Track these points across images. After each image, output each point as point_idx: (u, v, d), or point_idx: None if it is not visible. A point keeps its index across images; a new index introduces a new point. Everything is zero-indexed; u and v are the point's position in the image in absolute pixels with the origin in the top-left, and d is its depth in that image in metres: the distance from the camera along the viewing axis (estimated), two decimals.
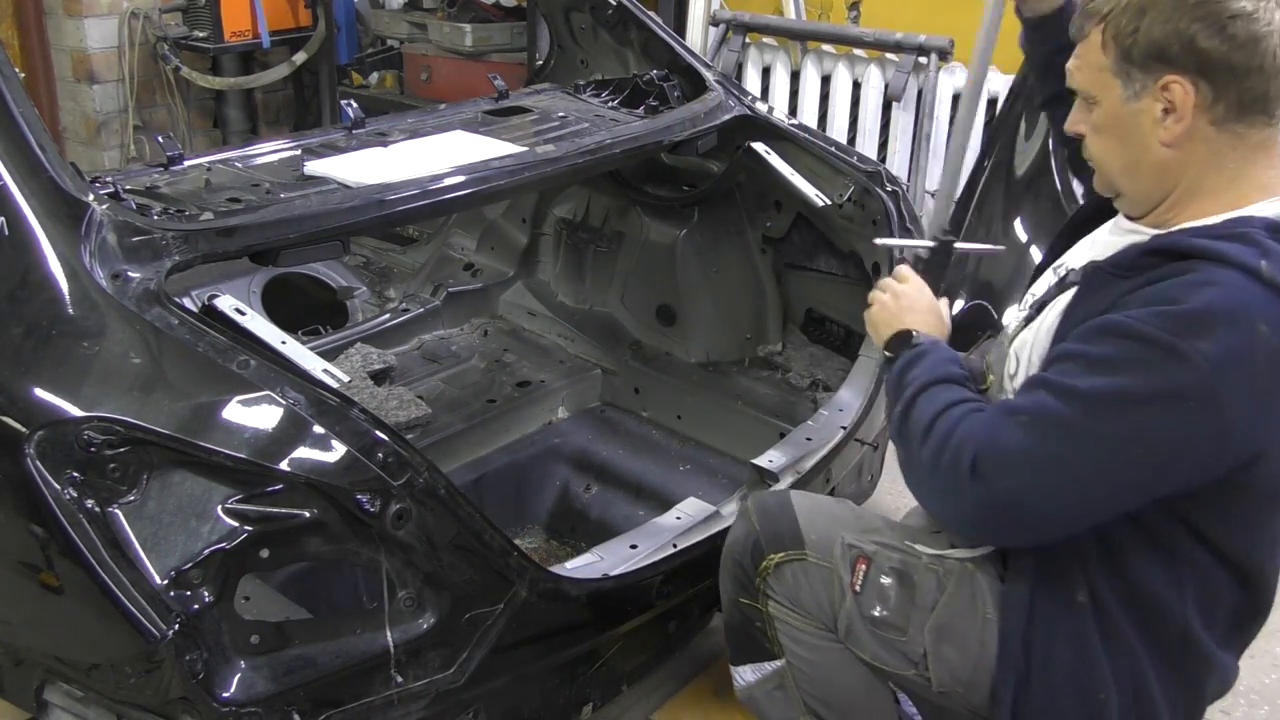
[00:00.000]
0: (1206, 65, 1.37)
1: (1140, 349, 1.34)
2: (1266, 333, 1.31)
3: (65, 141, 4.82)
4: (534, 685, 1.91)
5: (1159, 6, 1.38)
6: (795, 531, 1.69)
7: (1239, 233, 1.37)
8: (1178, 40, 1.37)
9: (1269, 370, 1.32)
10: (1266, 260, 1.33)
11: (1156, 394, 1.34)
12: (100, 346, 1.55)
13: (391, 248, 3.58)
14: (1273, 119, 1.42)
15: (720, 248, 2.98)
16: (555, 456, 2.83)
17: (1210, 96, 1.39)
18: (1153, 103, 1.41)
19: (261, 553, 1.51)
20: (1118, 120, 1.46)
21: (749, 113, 2.77)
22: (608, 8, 2.94)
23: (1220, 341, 1.31)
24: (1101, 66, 1.45)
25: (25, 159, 1.59)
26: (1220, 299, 1.32)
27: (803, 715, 1.74)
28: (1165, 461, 1.37)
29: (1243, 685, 2.37)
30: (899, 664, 1.64)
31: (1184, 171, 1.44)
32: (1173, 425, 1.34)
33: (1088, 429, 1.38)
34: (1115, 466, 1.39)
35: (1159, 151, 1.43)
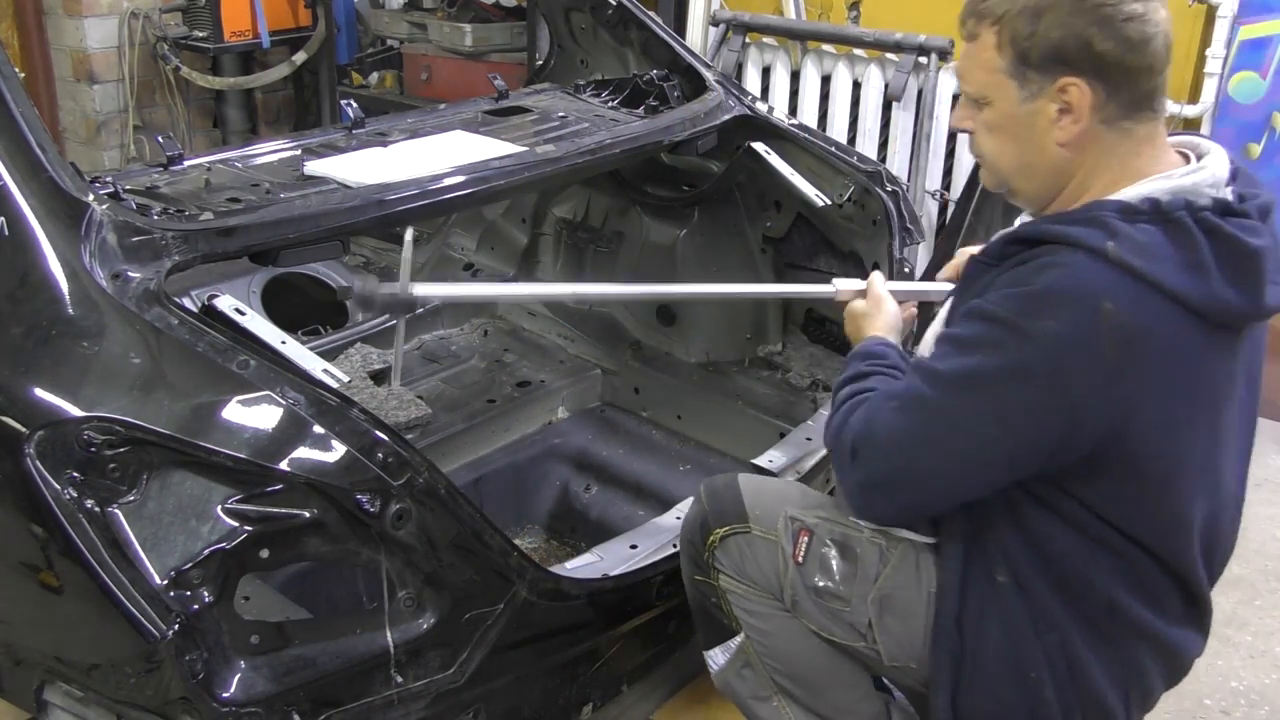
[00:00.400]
0: (1103, 67, 1.40)
1: (991, 330, 1.41)
2: (1111, 310, 1.35)
3: (65, 141, 4.82)
4: (534, 685, 1.91)
5: (1056, 10, 1.40)
6: (740, 507, 1.73)
7: (1090, 216, 1.41)
8: (1075, 43, 1.39)
9: (1117, 347, 1.36)
10: (1114, 241, 1.37)
11: (1005, 372, 1.40)
12: (100, 346, 1.55)
13: (391, 248, 3.57)
14: (1157, 114, 1.46)
15: (720, 248, 2.98)
16: (555, 456, 2.83)
17: (1104, 96, 1.42)
18: (1049, 104, 1.44)
19: (261, 553, 1.51)
20: (1012, 121, 1.48)
21: (749, 113, 2.77)
22: (608, 8, 2.94)
23: (1063, 320, 1.36)
24: (995, 68, 1.46)
25: (25, 159, 1.59)
26: (1063, 279, 1.37)
27: (775, 694, 1.76)
28: (1023, 437, 1.42)
29: (1243, 685, 2.37)
30: (846, 634, 1.67)
31: (1077, 169, 1.47)
32: (1024, 402, 1.40)
33: (947, 408, 1.45)
34: (976, 443, 1.44)
35: (1054, 151, 1.46)
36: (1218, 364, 1.47)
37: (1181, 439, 1.46)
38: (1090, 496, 1.47)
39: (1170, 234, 1.39)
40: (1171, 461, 1.46)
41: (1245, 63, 3.27)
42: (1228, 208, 1.43)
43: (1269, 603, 2.64)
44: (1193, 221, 1.40)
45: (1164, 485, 1.48)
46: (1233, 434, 1.55)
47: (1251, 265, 1.41)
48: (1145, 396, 1.40)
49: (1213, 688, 2.37)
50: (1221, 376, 1.49)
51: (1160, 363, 1.39)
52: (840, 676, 1.74)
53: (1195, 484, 1.51)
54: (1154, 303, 1.37)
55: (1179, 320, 1.39)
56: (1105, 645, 1.54)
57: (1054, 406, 1.39)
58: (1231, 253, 1.40)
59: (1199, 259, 1.39)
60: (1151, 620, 1.54)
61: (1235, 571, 2.74)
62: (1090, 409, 1.39)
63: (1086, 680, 1.53)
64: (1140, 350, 1.38)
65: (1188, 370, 1.43)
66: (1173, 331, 1.39)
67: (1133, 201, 1.42)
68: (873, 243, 2.67)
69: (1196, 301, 1.39)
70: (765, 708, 1.79)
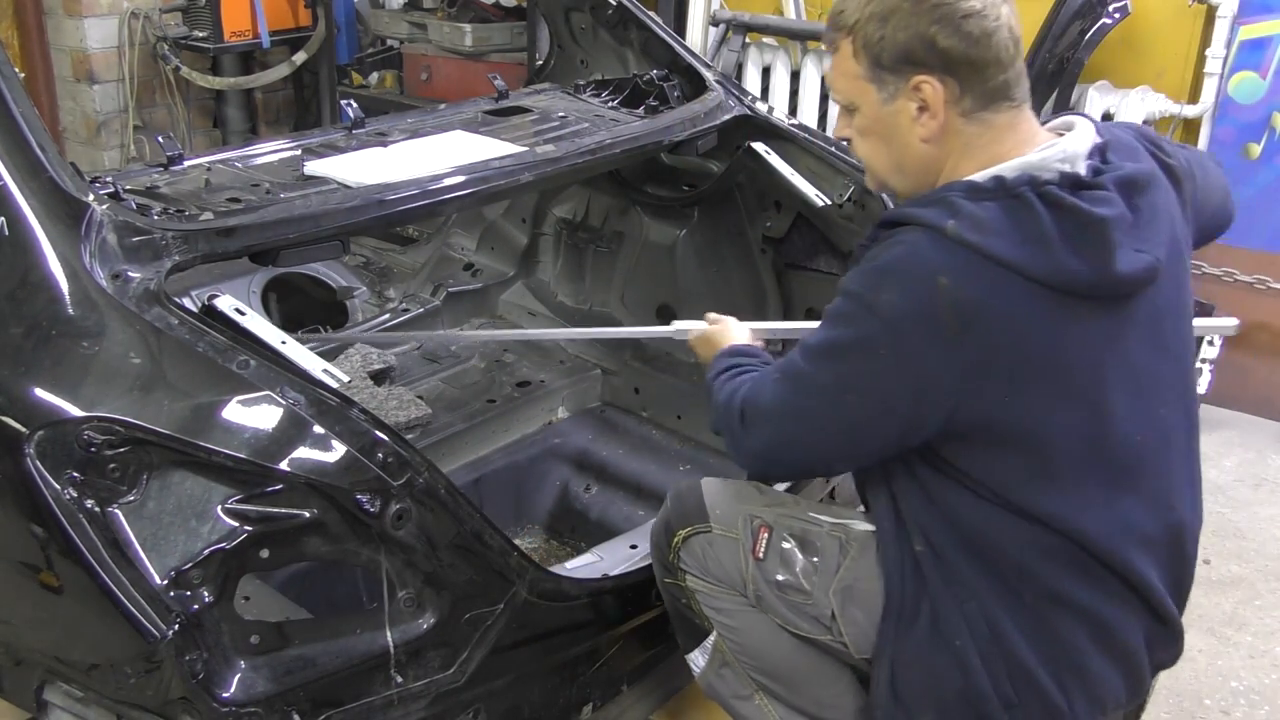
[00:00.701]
0: (950, 62, 1.47)
1: (844, 303, 1.50)
2: (947, 284, 1.42)
3: (65, 141, 4.82)
4: (534, 685, 1.91)
5: (899, 13, 1.48)
6: (700, 508, 1.77)
7: (938, 198, 1.49)
8: (920, 42, 1.47)
9: (955, 319, 1.42)
10: (955, 220, 1.44)
11: (855, 343, 1.49)
12: (100, 346, 1.55)
13: (391, 248, 3.57)
14: (1015, 103, 1.52)
15: (720, 248, 2.98)
16: (555, 456, 2.82)
17: (958, 91, 1.49)
18: (907, 103, 1.51)
19: (261, 553, 1.51)
20: (879, 123, 1.56)
21: (749, 113, 2.77)
22: (608, 8, 2.94)
23: (902, 293, 1.44)
24: (856, 75, 1.54)
25: (25, 159, 1.59)
26: (903, 255, 1.46)
27: (756, 692, 1.79)
28: (878, 406, 1.50)
29: (1243, 685, 2.37)
30: (811, 627, 1.70)
31: (944, 162, 1.54)
32: (874, 372, 1.48)
33: (812, 378, 1.54)
34: (840, 411, 1.53)
35: (919, 148, 1.54)
36: (1090, 338, 1.48)
37: (1052, 413, 1.48)
38: (974, 468, 1.51)
39: (1011, 209, 1.44)
40: (1043, 434, 1.48)
41: (1245, 63, 3.27)
42: (1077, 181, 1.47)
43: (1269, 603, 2.64)
44: (1035, 195, 1.44)
45: (1040, 457, 1.50)
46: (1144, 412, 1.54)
47: (1096, 233, 1.44)
48: (994, 368, 1.44)
49: (1213, 688, 2.37)
50: (1101, 351, 1.49)
51: (1005, 335, 1.43)
52: (817, 671, 1.76)
53: (1087, 459, 1.51)
54: (991, 276, 1.42)
55: (1024, 293, 1.43)
56: (1023, 614, 1.53)
57: (902, 376, 1.46)
58: (1075, 223, 1.44)
59: (1040, 231, 1.43)
60: (1071, 589, 1.53)
61: (1235, 571, 2.74)
62: (938, 379, 1.45)
63: (1011, 651, 1.53)
64: (979, 322, 1.42)
65: (1045, 344, 1.45)
66: (1016, 305, 1.43)
67: (980, 181, 1.48)
68: None
69: (1038, 273, 1.43)
70: (748, 706, 1.81)
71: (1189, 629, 2.57)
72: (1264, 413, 3.46)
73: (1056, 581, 1.53)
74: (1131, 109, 3.43)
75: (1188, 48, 3.42)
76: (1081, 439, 1.50)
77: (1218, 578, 2.72)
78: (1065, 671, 1.54)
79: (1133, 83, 3.47)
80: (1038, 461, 1.50)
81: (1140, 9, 3.30)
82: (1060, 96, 3.28)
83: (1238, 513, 2.98)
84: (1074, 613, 1.54)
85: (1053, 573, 1.53)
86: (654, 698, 2.24)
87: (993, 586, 1.54)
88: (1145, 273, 1.49)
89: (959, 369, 1.44)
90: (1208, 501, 2.84)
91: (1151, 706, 2.19)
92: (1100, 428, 1.51)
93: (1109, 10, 3.16)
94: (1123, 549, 1.53)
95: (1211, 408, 3.42)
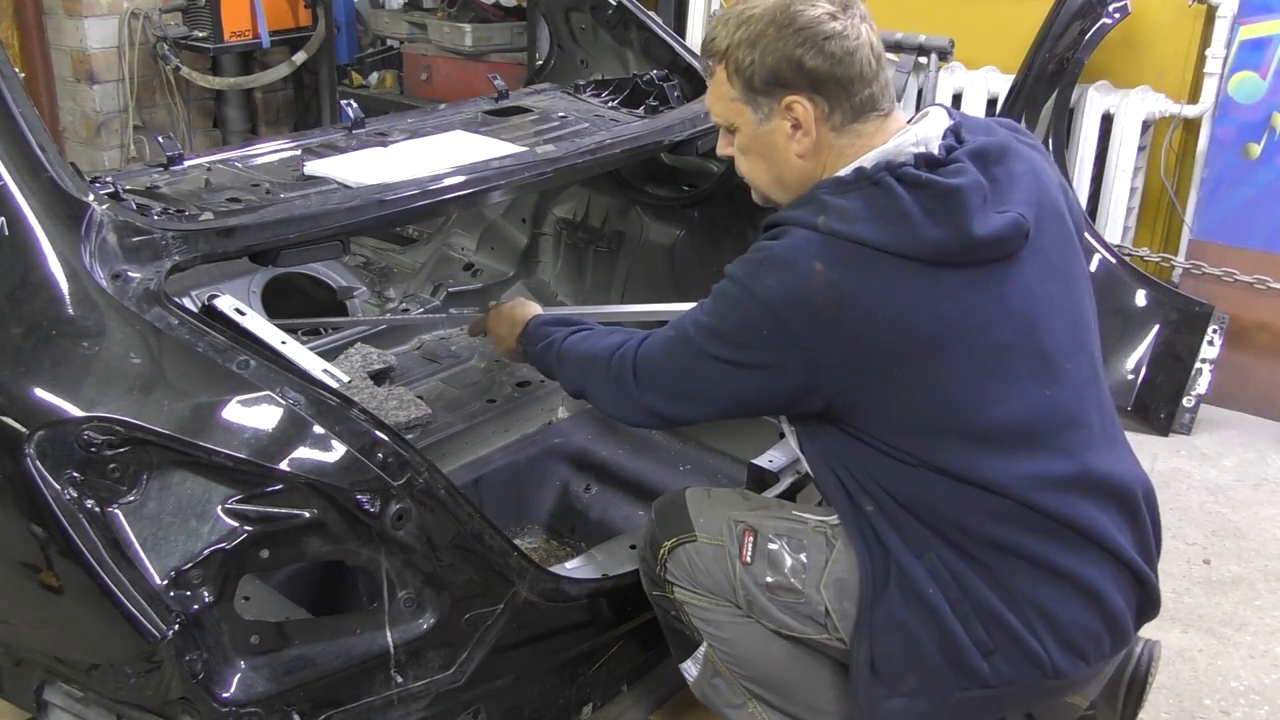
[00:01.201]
0: (816, 82, 1.57)
1: (728, 287, 1.60)
2: (821, 269, 1.51)
3: (65, 141, 4.82)
4: (534, 685, 1.91)
5: (766, 38, 1.57)
6: (684, 518, 1.80)
7: (808, 198, 1.60)
8: (788, 65, 1.57)
9: (831, 301, 1.51)
10: (824, 215, 1.55)
11: (740, 325, 1.58)
12: (100, 346, 1.55)
13: (391, 248, 3.57)
14: (883, 112, 1.62)
15: (720, 248, 2.98)
16: (555, 456, 2.82)
17: (827, 108, 1.59)
18: (781, 122, 1.61)
19: (261, 553, 1.52)
20: (756, 142, 1.66)
21: None
22: (608, 8, 2.94)
23: (780, 279, 1.53)
24: (731, 98, 1.64)
25: (25, 159, 1.59)
26: (781, 247, 1.56)
27: (749, 700, 1.80)
28: (765, 380, 1.58)
29: (1243, 685, 2.37)
30: (806, 627, 1.71)
31: (819, 174, 1.64)
32: (758, 350, 1.57)
33: (703, 349, 1.63)
34: (728, 383, 1.62)
35: (796, 163, 1.64)
36: (972, 305, 1.54)
37: (940, 381, 1.54)
38: (881, 434, 1.58)
39: (872, 195, 1.54)
40: (936, 401, 1.55)
41: (1245, 63, 3.27)
42: (931, 160, 1.56)
43: (1269, 603, 2.64)
44: (893, 179, 1.54)
45: (939, 421, 1.56)
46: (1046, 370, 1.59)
47: (952, 202, 1.52)
48: (873, 347, 1.52)
49: (1213, 688, 2.37)
50: (988, 315, 1.55)
51: (881, 313, 1.51)
52: (810, 676, 1.76)
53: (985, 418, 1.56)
54: (864, 259, 1.51)
55: (896, 272, 1.51)
56: (975, 564, 1.57)
57: (783, 356, 1.55)
58: (932, 196, 1.52)
59: (900, 210, 1.52)
60: (1011, 538, 1.56)
61: (1235, 571, 2.74)
62: (819, 359, 1.54)
63: (977, 596, 1.56)
64: (855, 304, 1.51)
65: (924, 318, 1.52)
66: (890, 284, 1.51)
67: (843, 175, 1.59)
68: None
69: (905, 249, 1.51)
70: (742, 715, 1.82)
71: (1189, 629, 2.57)
72: (1264, 413, 3.46)
73: (995, 532, 1.57)
74: (1131, 109, 3.43)
75: (1188, 48, 3.42)
76: (976, 402, 1.55)
77: (1218, 578, 2.72)
78: (1033, 617, 1.57)
79: (1133, 83, 3.47)
80: (937, 425, 1.56)
81: (1140, 9, 3.31)
82: (1060, 96, 3.28)
83: (1238, 513, 2.98)
84: (1023, 560, 1.57)
85: (988, 525, 1.57)
86: (654, 698, 2.24)
87: (942, 538, 1.58)
88: (1009, 228, 1.55)
89: (841, 346, 1.52)
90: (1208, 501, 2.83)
91: (1151, 706, 2.19)
92: (999, 389, 1.56)
93: (1109, 10, 3.16)
94: (1044, 497, 1.57)
95: (1211, 408, 3.42)
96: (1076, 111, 3.49)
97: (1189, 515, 2.94)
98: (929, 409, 1.56)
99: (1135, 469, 1.71)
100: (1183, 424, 3.33)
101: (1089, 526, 1.59)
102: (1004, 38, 3.57)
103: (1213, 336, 3.25)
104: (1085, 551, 1.59)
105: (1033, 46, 3.00)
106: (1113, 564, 1.61)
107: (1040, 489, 1.57)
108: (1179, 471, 3.15)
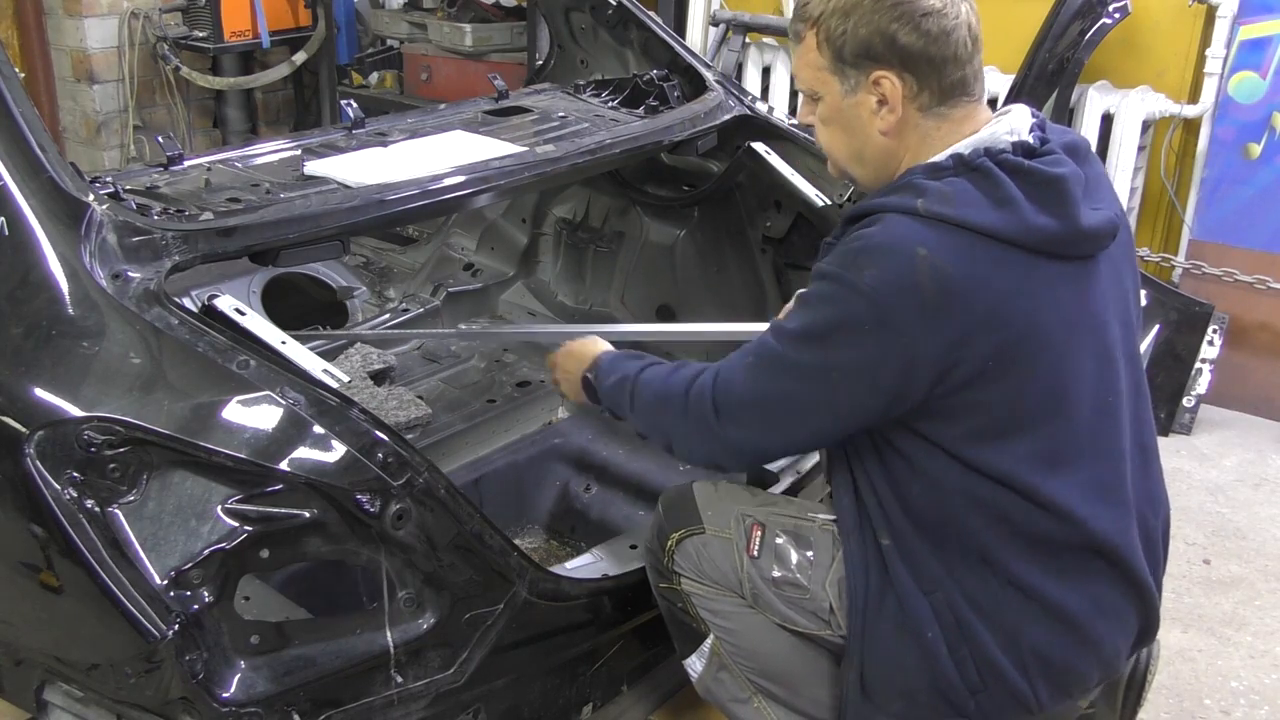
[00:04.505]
0: (908, 59, 1.52)
1: (824, 285, 1.52)
2: (925, 255, 1.45)
3: (65, 141, 4.82)
4: (534, 685, 1.91)
5: (861, 8, 1.52)
6: (693, 510, 1.78)
7: (902, 184, 1.54)
8: (881, 39, 1.52)
9: (936, 288, 1.45)
10: (922, 199, 1.49)
11: (838, 322, 1.50)
12: (100, 346, 1.55)
13: (391, 248, 3.57)
14: (973, 98, 1.58)
15: (720, 248, 2.98)
16: (555, 456, 2.82)
17: (916, 87, 1.54)
18: (868, 96, 1.56)
19: (261, 553, 1.51)
20: (840, 114, 1.60)
21: (749, 113, 2.77)
22: (608, 8, 2.94)
23: (882, 268, 1.46)
24: (819, 66, 1.59)
25: (25, 159, 1.59)
26: (879, 234, 1.49)
27: (754, 695, 1.79)
28: (867, 381, 1.51)
29: (1243, 685, 2.37)
30: (810, 623, 1.71)
31: (902, 154, 1.59)
32: (858, 348, 1.49)
33: (794, 362, 1.55)
34: (826, 392, 1.54)
35: (879, 140, 1.59)
36: (1063, 301, 1.52)
37: (1030, 376, 1.50)
38: (944, 435, 1.53)
39: (974, 180, 1.50)
40: (1016, 398, 1.51)
41: (1245, 63, 3.27)
42: (1028, 148, 1.53)
43: (1269, 603, 2.64)
44: (994, 164, 1.50)
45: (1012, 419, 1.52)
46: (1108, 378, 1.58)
47: (1057, 190, 1.50)
48: (976, 334, 1.46)
49: (1213, 688, 2.37)
50: (1074, 314, 1.53)
51: (984, 300, 1.46)
52: (816, 671, 1.76)
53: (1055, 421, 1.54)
54: (967, 243, 1.46)
55: (999, 258, 1.47)
56: (989, 601, 1.56)
57: (887, 350, 1.48)
58: (1036, 184, 1.49)
59: (1006, 195, 1.48)
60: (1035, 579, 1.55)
61: (1235, 571, 2.74)
62: (923, 349, 1.46)
63: (975, 640, 1.56)
64: (960, 288, 1.45)
65: (1023, 308, 1.48)
66: (993, 270, 1.47)
67: (939, 160, 1.54)
68: None
69: (1012, 233, 1.47)
70: (746, 709, 1.80)
71: (1189, 629, 2.57)
72: (1264, 413, 3.46)
73: (1020, 568, 1.55)
74: (1131, 109, 3.43)
75: (1188, 48, 3.42)
76: (1051, 401, 1.53)
77: (1218, 578, 2.72)
78: (1029, 660, 1.57)
79: (1133, 83, 3.47)
80: (1015, 425, 1.53)
81: (1140, 9, 3.30)
82: (1060, 96, 3.28)
83: (1238, 513, 2.98)
84: (1036, 603, 1.56)
85: (1017, 555, 1.55)
86: (654, 698, 2.24)
87: (957, 575, 1.56)
88: (1107, 226, 1.54)
89: (943, 337, 1.46)
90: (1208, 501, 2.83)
91: (1151, 706, 2.19)
92: (1067, 390, 1.54)
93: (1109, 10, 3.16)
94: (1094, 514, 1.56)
95: (1211, 408, 3.42)
96: (1076, 111, 3.49)
97: (1189, 515, 2.94)
98: (1010, 407, 1.51)
99: (1164, 489, 1.71)
100: (1183, 424, 3.33)
101: (1120, 546, 1.58)
102: (1004, 37, 3.57)
103: (1213, 336, 3.25)
104: (1099, 577, 1.59)
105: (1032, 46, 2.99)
106: (1131, 591, 1.62)
107: (1092, 504, 1.55)
108: (1179, 471, 3.15)
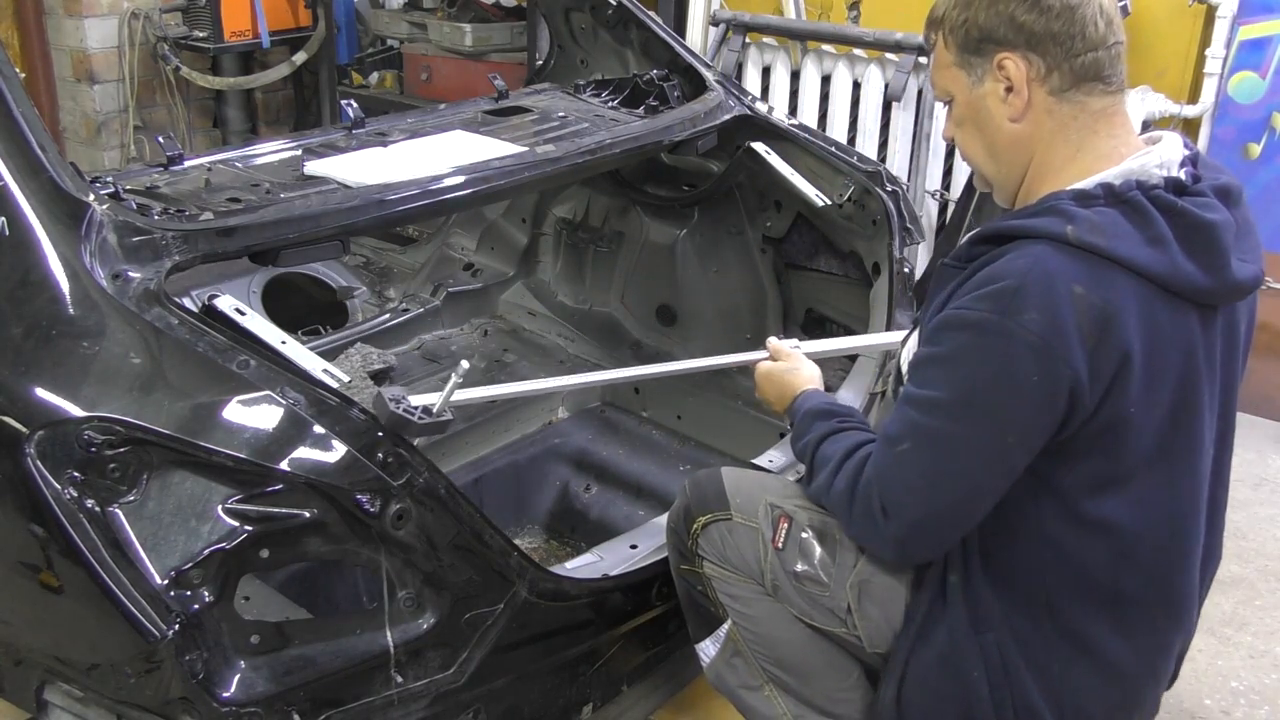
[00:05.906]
0: (1031, 38, 1.47)
1: (974, 338, 1.43)
2: (1082, 293, 1.39)
3: (65, 141, 4.82)
4: (534, 685, 1.91)
5: None
6: (721, 495, 1.77)
7: (1047, 207, 1.46)
8: (1000, 20, 1.48)
9: (1094, 326, 1.39)
10: (1072, 226, 1.42)
11: (1001, 377, 1.41)
12: (100, 346, 1.55)
13: (391, 248, 3.57)
14: (1110, 87, 1.50)
15: (720, 248, 2.98)
16: (555, 456, 2.82)
17: (1043, 68, 1.48)
18: (994, 84, 1.51)
19: (261, 553, 1.51)
20: (970, 108, 1.56)
21: (749, 113, 2.77)
22: (608, 8, 2.94)
23: (1041, 310, 1.38)
24: (948, 64, 1.56)
25: (25, 159, 1.59)
26: (1030, 269, 1.40)
27: (766, 683, 1.79)
28: (1033, 433, 1.44)
29: (1243, 685, 2.37)
30: (826, 619, 1.71)
31: (1034, 145, 1.52)
32: (1025, 400, 1.41)
33: (959, 435, 1.46)
34: (996, 456, 1.46)
35: (1009, 129, 1.53)
36: (1193, 347, 1.48)
37: (1152, 416, 1.47)
38: (1066, 480, 1.48)
39: (1126, 213, 1.44)
40: (1135, 439, 1.47)
41: (1245, 63, 3.27)
42: (1181, 186, 1.47)
43: (1269, 603, 2.64)
44: (1146, 200, 1.44)
45: (1147, 465, 1.50)
46: (1206, 427, 1.55)
47: (1209, 238, 1.45)
48: (1123, 373, 1.42)
49: (1213, 688, 2.37)
50: (1198, 360, 1.49)
51: (1133, 339, 1.41)
52: (829, 664, 1.76)
53: (1181, 470, 1.53)
54: (1120, 279, 1.41)
55: (1146, 296, 1.42)
56: (1039, 649, 1.55)
57: (1054, 399, 1.41)
58: (1188, 227, 1.44)
59: (1158, 234, 1.43)
60: (1094, 629, 1.55)
61: (1235, 571, 2.74)
62: (1084, 392, 1.40)
63: (1020, 686, 1.55)
64: (1114, 326, 1.40)
65: (1163, 349, 1.45)
66: (1141, 308, 1.42)
67: (1086, 188, 1.47)
68: (872, 243, 2.67)
69: (1162, 274, 1.42)
70: (756, 697, 1.80)
71: None
72: (1264, 413, 3.46)
73: (1083, 619, 1.54)
74: (1131, 109, 3.43)
75: (1188, 48, 3.42)
76: (1159, 440, 1.49)
77: (1218, 578, 2.71)
78: (1069, 710, 1.57)
79: (1133, 83, 3.46)
80: (1127, 472, 1.49)
81: (1140, 9, 3.31)
82: None
83: (1238, 513, 2.98)
84: (1088, 657, 1.56)
85: (1084, 607, 1.54)
86: (654, 698, 2.24)
87: (1016, 621, 1.55)
88: (1251, 282, 1.50)
89: (1096, 380, 1.40)
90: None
91: None
92: (1191, 441, 1.51)
93: None
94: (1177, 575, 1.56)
95: None
96: None
97: None
98: (1135, 453, 1.47)
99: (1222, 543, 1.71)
100: None
101: (1186, 598, 1.60)
102: None
103: None
104: (1162, 635, 1.60)
105: None
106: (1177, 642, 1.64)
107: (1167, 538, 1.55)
108: None
